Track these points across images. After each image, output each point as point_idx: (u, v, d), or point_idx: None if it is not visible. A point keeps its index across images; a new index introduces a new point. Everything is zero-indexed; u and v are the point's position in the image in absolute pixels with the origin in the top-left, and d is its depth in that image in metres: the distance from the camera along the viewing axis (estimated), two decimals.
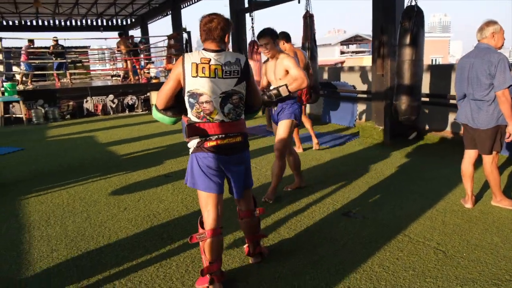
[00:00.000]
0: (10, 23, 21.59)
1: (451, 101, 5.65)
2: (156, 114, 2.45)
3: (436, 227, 3.20)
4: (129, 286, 2.53)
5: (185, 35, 12.62)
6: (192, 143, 2.38)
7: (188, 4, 15.32)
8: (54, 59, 13.46)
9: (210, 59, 2.27)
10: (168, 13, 17.42)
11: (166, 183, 4.63)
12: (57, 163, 5.82)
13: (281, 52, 3.67)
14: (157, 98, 2.38)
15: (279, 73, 3.63)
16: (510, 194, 3.74)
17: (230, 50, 3.56)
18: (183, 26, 12.35)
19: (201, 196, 2.41)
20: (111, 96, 11.50)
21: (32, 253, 3.01)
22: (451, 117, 5.95)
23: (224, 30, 2.31)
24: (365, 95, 7.38)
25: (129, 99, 11.82)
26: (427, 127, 6.36)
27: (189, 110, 2.34)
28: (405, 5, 5.26)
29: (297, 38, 8.34)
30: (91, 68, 20.71)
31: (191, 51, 12.77)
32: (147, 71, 15.50)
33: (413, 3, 5.07)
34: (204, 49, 2.33)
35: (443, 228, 3.18)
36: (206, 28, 2.29)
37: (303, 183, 4.27)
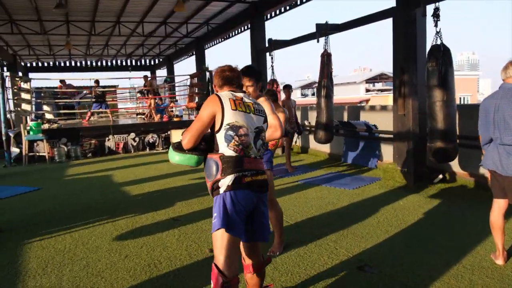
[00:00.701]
0: (45, 64, 22.76)
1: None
2: (176, 157, 2.36)
3: None
4: None
5: (207, 74, 12.79)
6: (226, 181, 2.23)
7: (212, 44, 15.70)
8: (93, 99, 14.02)
9: (242, 97, 2.38)
10: (193, 53, 17.89)
11: (173, 227, 4.44)
12: (69, 204, 5.75)
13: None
14: (186, 137, 2.29)
15: None
16: None
17: None
18: (206, 65, 12.53)
19: (225, 239, 2.22)
20: (132, 135, 11.63)
21: None
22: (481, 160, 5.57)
23: (240, 79, 2.52)
24: (388, 136, 7.10)
25: (150, 137, 11.92)
26: (454, 170, 5.98)
27: (224, 144, 2.26)
28: (428, 44, 5.10)
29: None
30: (118, 107, 21.29)
31: (213, 89, 12.90)
32: (171, 110, 15.73)
33: (439, 42, 4.87)
34: (230, 91, 2.39)
35: None
36: (230, 76, 2.43)
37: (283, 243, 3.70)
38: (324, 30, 7.28)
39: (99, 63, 23.27)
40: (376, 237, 3.91)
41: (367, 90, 43.49)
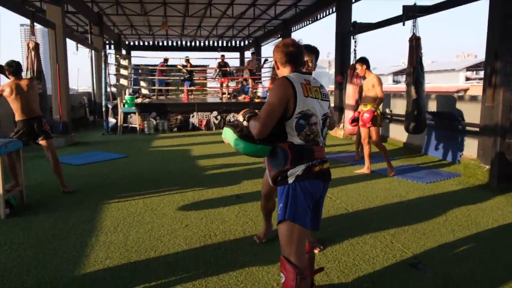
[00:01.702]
0: (146, 43, 24.58)
1: None
2: (241, 144, 2.18)
3: None
4: None
5: None
6: (295, 170, 2.12)
7: (298, 27, 15.56)
8: (186, 76, 14.91)
9: (310, 81, 2.20)
10: (280, 35, 17.92)
11: (235, 204, 4.63)
12: (148, 172, 6.28)
13: None
14: (258, 125, 2.07)
15: None
16: None
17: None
18: None
19: (295, 231, 2.12)
20: (214, 113, 12.15)
21: (90, 257, 3.23)
22: None
23: (304, 56, 2.32)
24: (475, 129, 6.49)
25: (231, 117, 12.33)
26: None
27: (294, 133, 2.12)
28: None
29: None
30: (208, 86, 22.25)
31: None
32: (254, 91, 16.05)
33: None
34: (296, 71, 2.21)
35: None
36: (295, 52, 2.22)
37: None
38: (412, 12, 6.80)
39: (193, 43, 24.50)
40: (439, 236, 3.67)
41: (467, 79, 39.65)
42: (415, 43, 6.87)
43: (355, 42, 8.95)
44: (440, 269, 3.02)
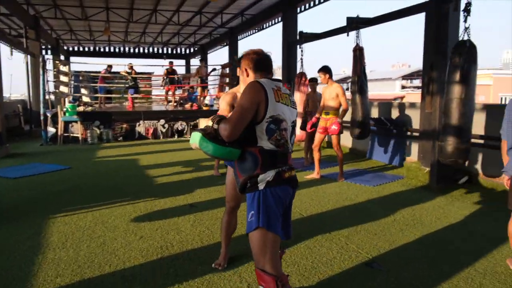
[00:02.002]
0: (86, 49, 23.58)
1: None
2: (210, 146, 2.11)
3: None
4: None
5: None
6: (266, 176, 2.10)
7: (245, 36, 15.73)
8: (130, 83, 14.40)
9: (280, 87, 2.20)
10: (226, 43, 18.01)
11: (189, 213, 4.55)
12: (95, 184, 6.00)
13: None
14: (229, 127, 2.05)
15: None
16: None
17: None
18: (238, 56, 12.57)
19: (268, 238, 2.09)
20: (162, 121, 11.90)
21: (39, 275, 3.01)
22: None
23: (272, 67, 2.35)
24: (415, 133, 6.93)
25: (179, 125, 12.16)
26: (480, 172, 5.77)
27: (265, 137, 2.10)
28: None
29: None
30: (153, 93, 21.74)
31: None
32: (202, 98, 15.94)
33: (465, 38, 4.69)
34: (266, 78, 2.21)
35: None
36: (264, 60, 2.29)
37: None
38: (355, 23, 7.14)
39: (136, 50, 23.88)
40: (390, 235, 3.86)
41: (403, 87, 42.28)
42: (358, 53, 7.22)
43: (302, 51, 9.22)
44: (393, 267, 3.17)
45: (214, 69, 17.43)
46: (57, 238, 3.77)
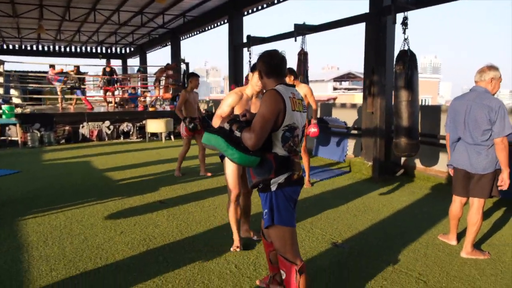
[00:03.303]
0: (11, 47, 22.04)
1: (441, 141, 5.94)
2: (235, 154, 2.22)
3: (418, 259, 3.38)
4: None
5: (183, 66, 13.00)
6: (278, 179, 2.27)
7: (188, 36, 15.84)
8: (76, 84, 13.79)
9: (295, 94, 2.31)
10: (167, 43, 17.94)
11: (161, 209, 4.77)
12: (53, 186, 5.93)
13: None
14: (254, 137, 2.16)
15: None
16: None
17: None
18: (182, 57, 12.73)
19: (285, 232, 2.30)
20: (107, 123, 11.69)
21: (31, 271, 3.12)
22: (440, 156, 6.23)
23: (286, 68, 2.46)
24: (355, 132, 7.67)
25: (125, 126, 12.02)
26: (415, 165, 6.62)
27: (280, 144, 2.26)
28: (396, 48, 5.65)
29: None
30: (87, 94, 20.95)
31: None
32: (144, 99, 15.78)
33: (406, 47, 5.42)
34: (282, 83, 2.31)
35: (425, 260, 3.36)
36: (279, 64, 2.35)
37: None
38: (302, 30, 7.74)
39: (68, 49, 22.80)
40: (346, 220, 4.42)
41: (335, 88, 44.69)
42: (303, 57, 7.85)
43: (250, 54, 9.67)
44: (354, 245, 3.71)
45: (139, 70, 17.32)
46: (36, 238, 3.82)
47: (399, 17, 5.48)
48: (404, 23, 5.41)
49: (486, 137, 3.25)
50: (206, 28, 14.55)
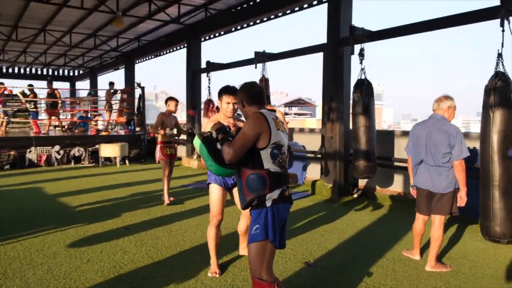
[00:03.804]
0: None
1: (395, 163, 6.32)
2: (214, 165, 2.48)
3: (388, 274, 3.55)
4: None
5: (139, 90, 12.83)
6: (273, 194, 2.38)
7: (142, 60, 15.71)
8: (31, 107, 12.96)
9: (276, 117, 2.50)
10: (121, 67, 17.65)
11: (127, 235, 4.63)
12: (4, 215, 5.56)
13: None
14: (231, 152, 2.33)
15: None
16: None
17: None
18: (138, 81, 12.57)
19: (268, 250, 2.38)
20: (57, 147, 11.17)
21: None
22: (394, 178, 6.59)
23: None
24: (312, 155, 7.93)
25: (76, 151, 11.55)
26: (372, 186, 6.94)
27: (270, 161, 2.38)
28: (352, 77, 6.00)
29: None
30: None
31: (144, 106, 12.96)
32: (95, 123, 15.29)
33: (363, 77, 5.79)
34: (262, 109, 2.49)
35: (394, 275, 3.54)
36: (259, 93, 2.57)
37: None
38: (262, 57, 8.01)
39: (10, 70, 21.68)
40: (315, 240, 4.54)
41: (285, 114, 45.88)
42: (264, 84, 8.09)
43: (209, 79, 9.79)
44: (325, 263, 3.82)
45: (90, 93, 16.88)
46: None
47: (356, 48, 5.87)
48: (361, 54, 5.80)
49: (446, 159, 3.53)
50: (163, 53, 14.53)
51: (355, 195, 6.79)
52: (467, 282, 3.43)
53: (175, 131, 6.33)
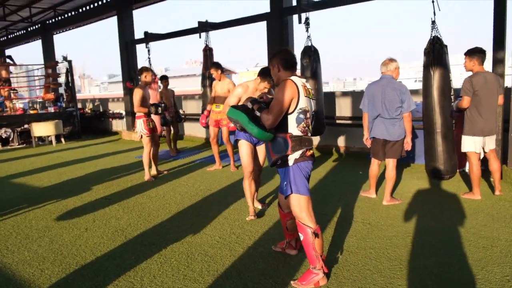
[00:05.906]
0: None
1: (337, 121, 7.12)
2: (255, 129, 2.67)
3: (356, 210, 4.30)
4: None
5: (65, 64, 12.15)
6: (295, 155, 2.69)
7: (63, 30, 14.71)
8: None
9: (305, 83, 2.76)
10: (36, 38, 16.30)
11: (111, 204, 4.80)
12: None
13: None
14: (270, 118, 2.61)
15: None
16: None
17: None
18: (64, 55, 11.86)
19: (302, 200, 2.71)
20: None
21: (20, 275, 3.04)
22: (339, 135, 7.41)
23: None
24: None
25: (3, 132, 10.80)
26: (319, 143, 7.72)
27: (294, 125, 2.69)
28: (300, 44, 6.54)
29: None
30: None
31: (73, 80, 12.32)
32: (13, 103, 14.13)
33: (309, 44, 6.36)
34: (294, 75, 2.76)
35: (360, 210, 4.30)
36: (292, 60, 2.82)
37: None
38: (205, 27, 8.20)
39: None
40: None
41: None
42: (209, 53, 8.36)
43: (149, 51, 9.69)
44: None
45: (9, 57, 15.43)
46: None
47: (303, 16, 6.39)
48: (307, 23, 6.34)
49: (398, 112, 4.30)
50: (87, 23, 13.76)
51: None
52: (414, 210, 4.29)
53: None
